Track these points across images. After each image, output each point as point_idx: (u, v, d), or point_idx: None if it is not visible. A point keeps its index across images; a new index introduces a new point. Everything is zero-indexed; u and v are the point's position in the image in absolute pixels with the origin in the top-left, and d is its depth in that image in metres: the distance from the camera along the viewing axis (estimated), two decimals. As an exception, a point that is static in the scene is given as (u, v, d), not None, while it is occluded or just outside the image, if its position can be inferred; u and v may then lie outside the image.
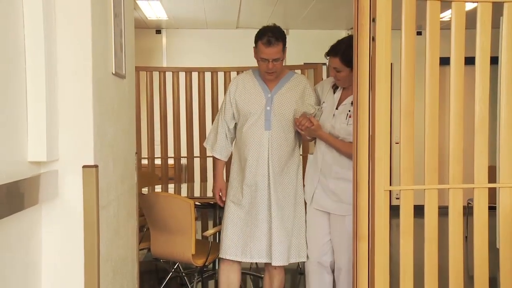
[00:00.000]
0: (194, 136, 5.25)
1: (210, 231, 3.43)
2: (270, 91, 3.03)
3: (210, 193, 3.86)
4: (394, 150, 6.45)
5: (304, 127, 2.88)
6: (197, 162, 5.36)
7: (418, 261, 2.21)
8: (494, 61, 2.25)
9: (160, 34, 7.33)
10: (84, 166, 1.84)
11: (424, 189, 2.17)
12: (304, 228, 3.07)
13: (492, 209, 2.29)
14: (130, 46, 2.49)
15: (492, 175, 2.25)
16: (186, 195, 4.19)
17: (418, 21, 2.08)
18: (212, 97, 5.18)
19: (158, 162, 5.38)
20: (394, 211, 2.20)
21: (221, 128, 3.15)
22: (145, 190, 4.14)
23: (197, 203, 3.72)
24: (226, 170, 3.32)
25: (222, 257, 3.08)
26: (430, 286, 2.18)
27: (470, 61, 2.20)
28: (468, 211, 4.87)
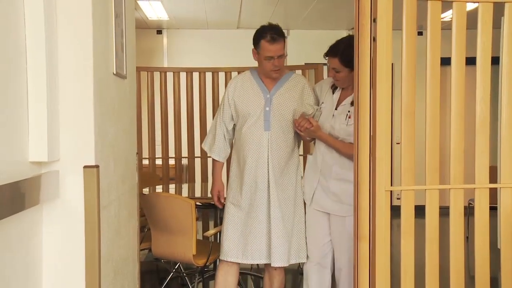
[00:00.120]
0: (195, 136, 5.25)
1: (211, 231, 3.43)
2: (269, 92, 3.02)
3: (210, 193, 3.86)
4: (395, 150, 6.45)
5: (303, 128, 2.87)
6: (198, 162, 5.36)
7: (419, 261, 2.21)
8: (495, 61, 2.24)
9: (161, 34, 7.34)
10: (85, 166, 1.84)
11: (425, 189, 2.16)
12: (303, 228, 3.06)
13: (493, 209, 2.29)
14: (131, 46, 2.49)
15: (493, 175, 2.25)
16: (187, 195, 4.19)
17: (419, 21, 2.07)
18: (213, 97, 5.18)
19: (159, 162, 5.38)
20: (395, 211, 2.19)
21: (219, 129, 3.13)
22: (146, 190, 4.14)
23: (198, 203, 3.72)
24: (226, 171, 3.31)
25: (223, 259, 3.06)
26: (431, 286, 2.18)
27: (471, 61, 2.20)
28: (469, 211, 4.87)
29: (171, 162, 5.41)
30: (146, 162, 5.42)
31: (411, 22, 2.09)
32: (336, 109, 2.94)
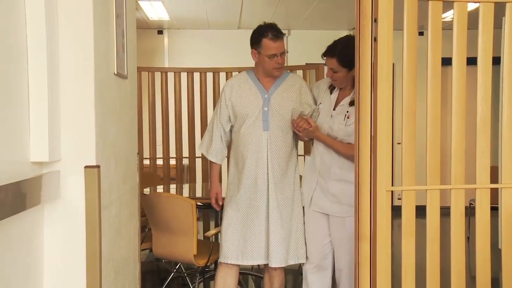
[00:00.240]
0: (196, 136, 5.25)
1: (212, 232, 3.43)
2: (267, 92, 3.01)
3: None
4: (396, 150, 6.45)
5: (301, 129, 2.87)
6: (199, 162, 5.36)
7: (420, 261, 2.21)
8: (496, 61, 2.24)
9: (162, 34, 7.34)
10: (86, 167, 1.84)
11: (426, 189, 2.16)
12: (302, 229, 3.05)
13: (494, 209, 2.29)
14: (132, 47, 2.49)
15: (494, 176, 2.24)
16: (188, 196, 4.20)
17: (420, 21, 2.07)
18: (214, 97, 5.18)
19: (160, 162, 5.38)
20: (396, 212, 2.19)
21: (216, 131, 3.11)
22: (147, 191, 4.14)
23: (198, 204, 3.72)
24: (224, 173, 3.30)
25: (223, 261, 3.05)
26: (432, 287, 2.18)
27: (472, 61, 2.20)
28: (470, 212, 4.86)
29: (172, 162, 5.41)
30: (147, 162, 5.42)
31: (412, 22, 2.09)
32: (334, 109, 2.93)
